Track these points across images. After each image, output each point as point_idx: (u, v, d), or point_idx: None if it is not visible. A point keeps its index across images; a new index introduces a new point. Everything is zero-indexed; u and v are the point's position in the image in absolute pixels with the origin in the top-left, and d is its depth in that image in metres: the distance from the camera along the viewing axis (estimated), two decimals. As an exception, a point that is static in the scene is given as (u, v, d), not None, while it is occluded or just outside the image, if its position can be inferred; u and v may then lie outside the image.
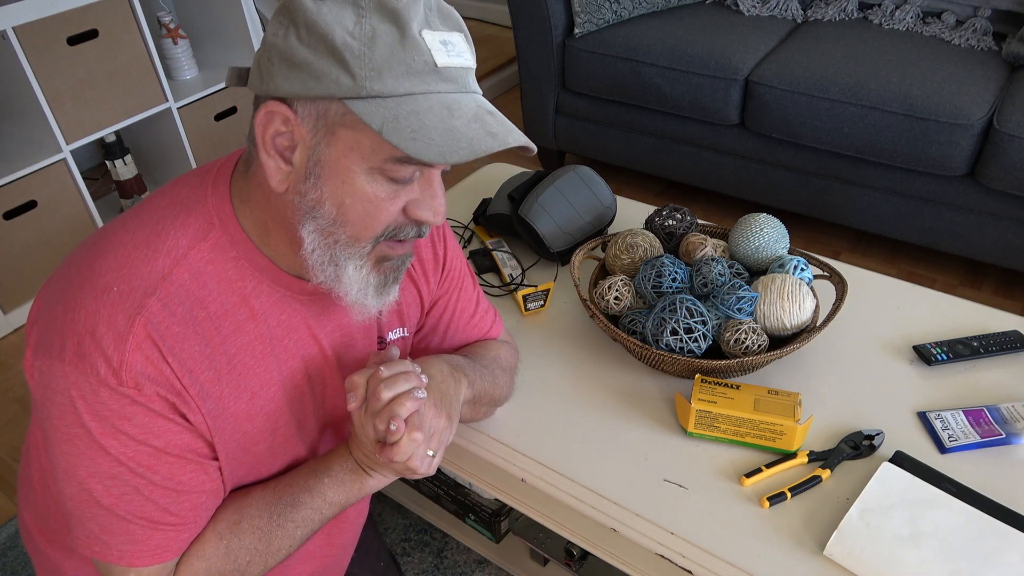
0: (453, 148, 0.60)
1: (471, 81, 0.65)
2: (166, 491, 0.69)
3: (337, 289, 0.70)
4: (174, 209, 0.70)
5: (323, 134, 0.63)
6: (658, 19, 2.32)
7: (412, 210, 0.67)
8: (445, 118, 0.61)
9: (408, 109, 0.60)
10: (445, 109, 0.61)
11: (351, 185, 0.64)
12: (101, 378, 0.63)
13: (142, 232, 0.68)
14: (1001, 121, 1.81)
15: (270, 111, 0.63)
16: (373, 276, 0.70)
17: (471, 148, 0.61)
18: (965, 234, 1.99)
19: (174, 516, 0.70)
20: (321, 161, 0.64)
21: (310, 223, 0.66)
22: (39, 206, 2.03)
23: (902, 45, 2.10)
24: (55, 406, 0.65)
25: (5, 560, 1.52)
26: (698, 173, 2.34)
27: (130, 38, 2.10)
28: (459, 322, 0.97)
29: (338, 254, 0.68)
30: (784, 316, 1.05)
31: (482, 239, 1.44)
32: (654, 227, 1.26)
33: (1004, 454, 0.97)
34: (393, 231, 0.68)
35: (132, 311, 0.64)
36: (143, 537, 0.69)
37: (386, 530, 1.53)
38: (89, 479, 0.66)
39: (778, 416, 0.96)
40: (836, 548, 0.85)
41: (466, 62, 0.64)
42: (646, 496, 0.94)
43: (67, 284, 0.67)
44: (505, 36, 3.57)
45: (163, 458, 0.68)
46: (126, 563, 0.69)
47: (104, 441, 0.65)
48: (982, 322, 1.17)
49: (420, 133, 0.60)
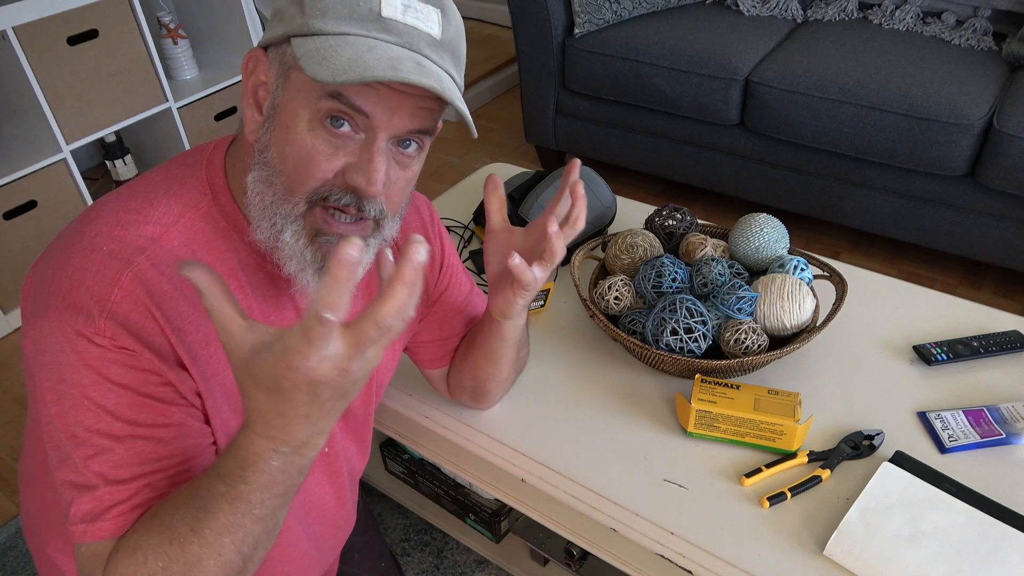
0: (345, 69, 0.59)
1: (424, 47, 0.64)
2: (145, 449, 0.64)
3: (278, 256, 0.68)
4: (168, 181, 0.71)
5: (281, 79, 0.65)
6: (658, 19, 2.32)
7: (348, 173, 0.65)
8: (361, 52, 0.60)
9: (332, 43, 0.61)
10: (367, 47, 0.61)
11: (293, 131, 0.64)
12: (79, 328, 0.62)
13: (134, 201, 0.69)
14: (1001, 121, 1.81)
15: (251, 55, 0.67)
16: (310, 252, 0.68)
17: (362, 73, 0.59)
18: (965, 234, 1.99)
19: (147, 479, 0.64)
20: (276, 106, 0.65)
21: (256, 171, 0.67)
22: (39, 206, 2.02)
23: (902, 45, 2.10)
24: (43, 366, 0.64)
25: (5, 560, 1.52)
26: (698, 173, 2.34)
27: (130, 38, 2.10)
28: (455, 308, 0.98)
29: (274, 208, 0.66)
30: (784, 316, 1.05)
31: (482, 239, 1.44)
32: (654, 227, 1.26)
33: (1004, 454, 0.97)
34: (326, 192, 0.66)
35: (120, 266, 0.64)
36: (109, 502, 0.63)
37: (386, 530, 1.53)
38: (69, 443, 0.63)
39: (778, 416, 0.96)
40: (836, 548, 0.85)
41: (425, 28, 0.64)
42: (646, 496, 0.94)
43: (56, 251, 0.67)
44: (505, 36, 3.57)
45: (145, 409, 0.64)
46: (89, 537, 0.63)
47: (85, 393, 0.62)
48: (982, 322, 1.17)
49: (327, 59, 0.60)
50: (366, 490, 1.56)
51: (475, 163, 2.79)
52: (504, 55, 3.34)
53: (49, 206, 2.05)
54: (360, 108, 0.62)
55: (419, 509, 1.45)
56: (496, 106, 3.20)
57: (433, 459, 1.19)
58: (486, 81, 3.21)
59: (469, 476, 1.14)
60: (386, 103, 0.63)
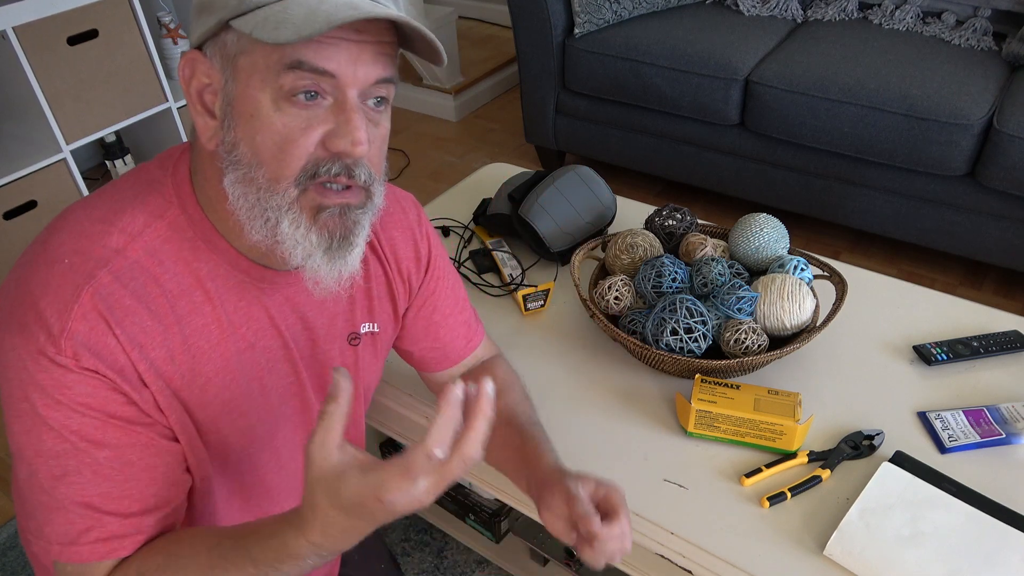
0: (307, 22, 0.57)
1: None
2: (112, 470, 0.64)
3: (280, 250, 0.66)
4: (135, 190, 0.69)
5: (229, 71, 0.62)
6: (658, 19, 2.32)
7: (329, 141, 0.63)
8: (313, 6, 0.58)
9: (279, 8, 0.59)
10: (318, 1, 0.59)
11: (259, 119, 0.61)
12: (41, 346, 0.61)
13: (99, 211, 0.67)
14: (1001, 121, 1.81)
15: (188, 58, 0.64)
16: (315, 235, 0.65)
17: (327, 19, 0.57)
18: (965, 234, 1.99)
19: (117, 502, 0.65)
20: (231, 100, 0.62)
21: (230, 173, 0.64)
22: (39, 206, 2.02)
23: (902, 45, 2.10)
24: (6, 381, 0.63)
25: (5, 560, 1.52)
26: (698, 173, 2.34)
27: (130, 38, 2.10)
28: (442, 318, 0.94)
29: (264, 203, 0.64)
30: (784, 316, 1.05)
31: (482, 239, 1.44)
32: (654, 227, 1.26)
33: (1004, 454, 0.97)
34: (313, 168, 0.63)
35: (80, 281, 0.63)
36: (82, 527, 0.64)
37: (386, 530, 1.53)
38: (35, 459, 0.63)
39: (778, 416, 0.96)
40: (836, 548, 0.85)
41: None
42: (646, 496, 0.94)
43: (21, 264, 0.66)
44: (505, 36, 3.57)
45: (109, 430, 0.64)
46: (65, 558, 0.64)
47: (46, 413, 0.62)
48: (982, 322, 1.17)
49: (283, 22, 0.58)
50: (366, 490, 1.56)
51: (475, 163, 2.79)
52: (504, 55, 3.34)
53: (49, 206, 2.05)
54: (323, 69, 0.60)
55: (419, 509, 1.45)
56: (496, 106, 3.20)
57: (433, 459, 1.19)
58: (486, 81, 3.21)
59: (469, 476, 1.14)
60: (347, 55, 0.61)
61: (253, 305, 0.73)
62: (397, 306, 0.89)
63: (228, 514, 0.81)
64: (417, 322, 0.93)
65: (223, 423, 0.74)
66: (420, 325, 0.94)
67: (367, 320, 0.86)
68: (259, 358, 0.75)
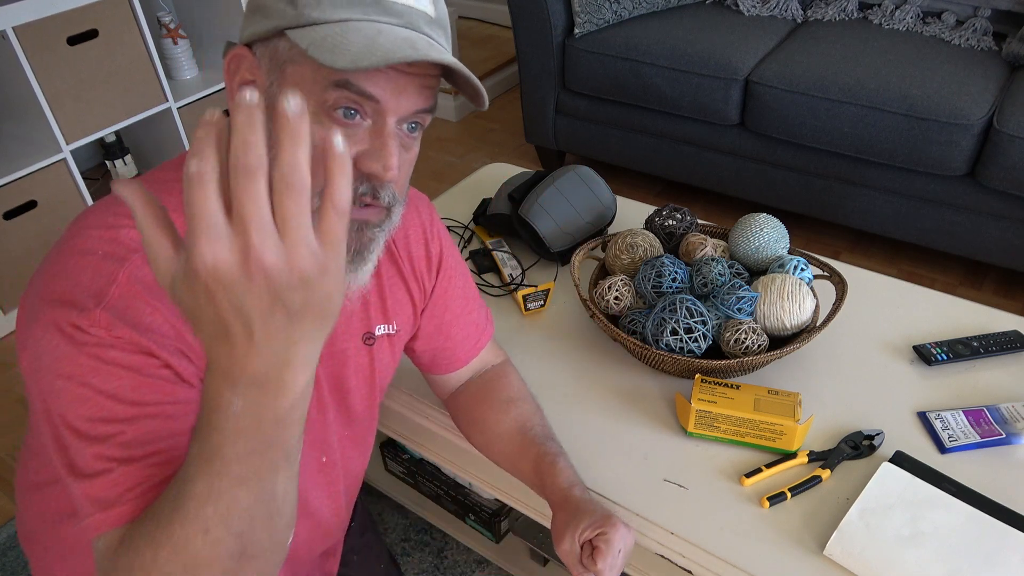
0: (365, 55, 0.58)
1: (424, 25, 0.64)
2: (154, 425, 0.62)
3: None
4: (157, 187, 0.69)
5: (276, 75, 0.63)
6: (658, 19, 2.32)
7: (361, 162, 0.64)
8: (372, 36, 0.60)
9: (338, 31, 0.60)
10: (375, 30, 0.60)
11: None
12: (75, 320, 0.61)
13: (122, 206, 0.67)
14: (1001, 121, 1.81)
15: (235, 54, 0.64)
16: None
17: (385, 56, 0.58)
18: (965, 234, 1.99)
19: (164, 444, 0.62)
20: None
21: None
22: (39, 206, 2.02)
23: (902, 45, 2.10)
24: (39, 369, 0.62)
25: (5, 560, 1.52)
26: (698, 173, 2.34)
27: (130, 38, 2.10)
28: (453, 317, 0.96)
29: None
30: (784, 316, 1.05)
31: (482, 239, 1.44)
32: (654, 227, 1.26)
33: (1004, 454, 0.97)
34: None
35: (116, 266, 0.63)
36: (124, 486, 0.60)
37: (386, 530, 1.53)
38: (68, 430, 0.61)
39: (778, 416, 0.96)
40: (836, 548, 0.85)
41: (419, 5, 0.63)
42: (646, 496, 0.94)
43: (50, 260, 0.66)
44: (505, 36, 3.57)
45: (146, 389, 0.62)
46: (106, 526, 0.60)
47: (84, 379, 0.60)
48: (982, 322, 1.17)
49: (340, 47, 0.58)
50: (366, 490, 1.56)
51: (475, 163, 2.79)
52: (504, 55, 3.34)
53: (49, 206, 2.05)
54: (369, 94, 0.61)
55: (419, 509, 1.45)
56: (496, 106, 3.20)
57: (433, 459, 1.19)
58: (486, 81, 3.21)
59: (469, 476, 1.14)
60: (394, 86, 0.62)
61: None
62: (416, 306, 0.91)
63: None
64: (430, 321, 0.94)
65: None
66: (433, 324, 0.95)
67: (383, 322, 0.87)
68: None
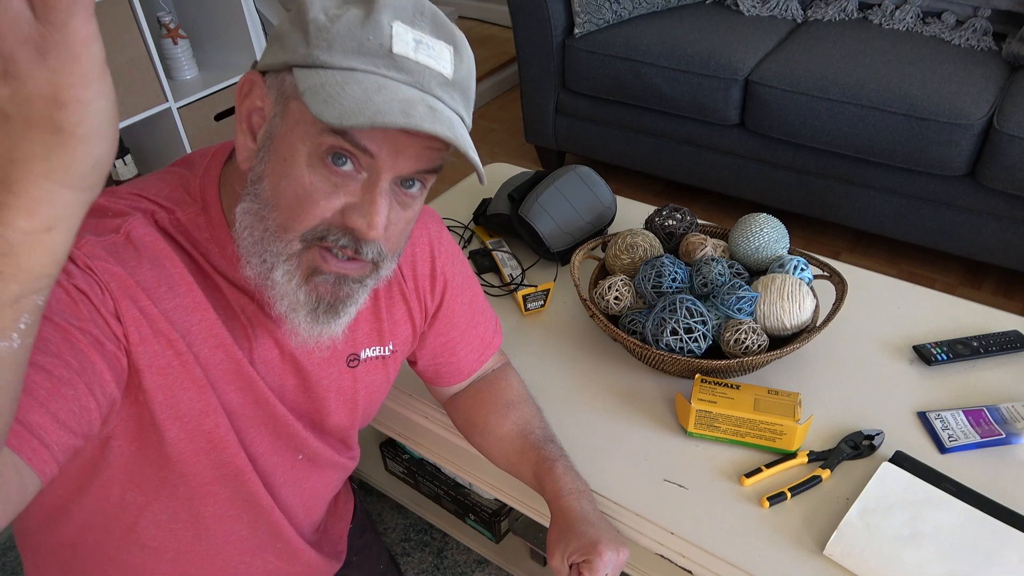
0: (354, 111, 0.56)
1: (436, 87, 0.61)
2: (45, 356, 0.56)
3: (268, 293, 0.66)
4: (160, 184, 0.71)
5: (280, 107, 0.62)
6: (658, 19, 2.32)
7: (347, 214, 0.63)
8: (370, 92, 0.57)
9: (340, 79, 0.58)
10: (376, 87, 0.58)
11: (291, 165, 0.61)
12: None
13: (127, 201, 0.69)
14: (1001, 121, 1.81)
15: (247, 79, 0.64)
16: (303, 293, 0.65)
17: (372, 118, 0.56)
18: (965, 234, 1.99)
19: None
20: (273, 135, 0.63)
21: (247, 200, 0.64)
22: (39, 206, 2.02)
23: (902, 45, 2.10)
24: None
25: (5, 560, 1.52)
26: (698, 173, 2.34)
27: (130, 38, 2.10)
28: (460, 334, 0.94)
29: (266, 245, 0.64)
30: (784, 316, 1.05)
31: (482, 239, 1.44)
32: (654, 227, 1.26)
33: (1004, 454, 0.97)
34: (323, 231, 0.63)
35: (120, 222, 0.65)
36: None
37: (386, 530, 1.53)
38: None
39: (778, 416, 0.96)
40: (836, 548, 0.85)
41: (437, 66, 0.61)
42: (646, 496, 0.94)
43: None
44: (505, 36, 3.57)
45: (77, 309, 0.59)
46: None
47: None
48: (982, 322, 1.17)
49: (334, 99, 0.57)
50: (366, 490, 1.56)
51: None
52: (504, 55, 3.34)
53: (49, 206, 2.05)
54: (365, 148, 0.60)
55: (419, 509, 1.45)
56: (496, 106, 3.20)
57: (433, 459, 1.19)
58: (486, 81, 3.21)
59: (469, 476, 1.14)
60: (393, 144, 0.60)
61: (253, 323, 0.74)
62: (415, 326, 0.89)
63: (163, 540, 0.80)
64: (436, 339, 0.93)
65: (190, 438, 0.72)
66: (439, 341, 0.93)
67: (376, 344, 0.85)
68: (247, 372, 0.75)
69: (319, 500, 0.95)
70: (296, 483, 0.87)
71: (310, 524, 0.95)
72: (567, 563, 0.80)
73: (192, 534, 0.80)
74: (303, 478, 0.88)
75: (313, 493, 0.92)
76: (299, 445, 0.84)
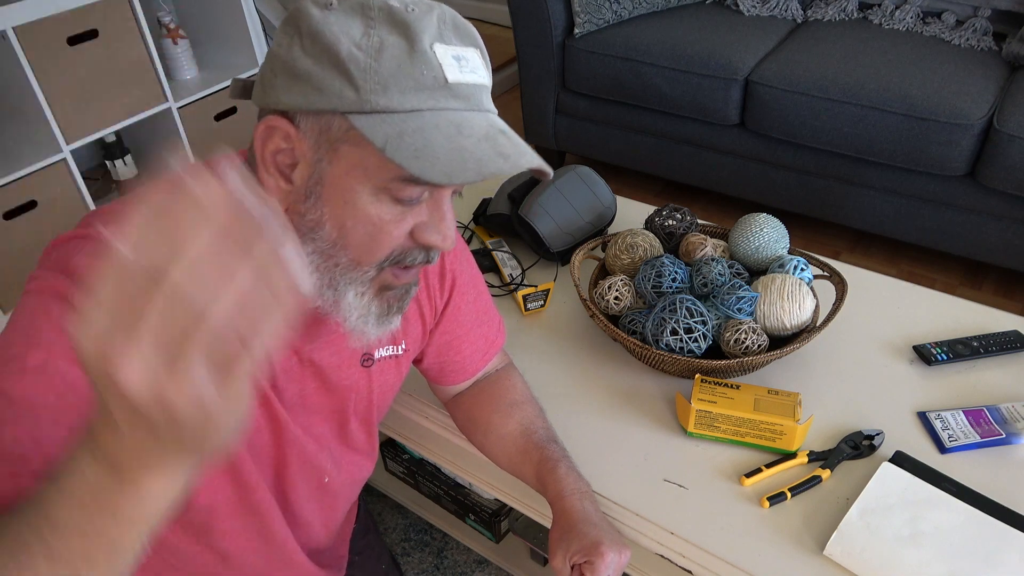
0: (460, 168, 0.56)
1: (485, 99, 0.62)
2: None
3: (335, 315, 0.66)
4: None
5: (325, 151, 0.60)
6: (658, 19, 2.32)
7: (419, 233, 0.63)
8: (453, 136, 0.57)
9: (414, 126, 0.57)
10: (453, 127, 0.58)
11: (353, 206, 0.60)
12: (63, 290, 0.59)
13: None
14: (1001, 121, 1.81)
15: (270, 126, 0.60)
16: (375, 305, 0.67)
17: (479, 169, 0.56)
18: (965, 234, 1.99)
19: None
20: (322, 180, 0.61)
21: (308, 244, 0.63)
22: (39, 206, 2.02)
23: (902, 45, 2.10)
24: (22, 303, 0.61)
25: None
26: (698, 173, 2.34)
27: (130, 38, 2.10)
28: (465, 332, 0.95)
29: (338, 278, 0.64)
30: (784, 316, 1.05)
31: (482, 239, 1.44)
32: (654, 227, 1.26)
33: (1004, 454, 0.97)
34: (399, 256, 0.64)
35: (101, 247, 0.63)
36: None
37: (386, 530, 1.53)
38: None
39: (778, 416, 0.96)
40: (836, 548, 0.85)
41: (480, 79, 0.61)
42: (646, 496, 0.94)
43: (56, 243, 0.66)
44: (505, 36, 3.57)
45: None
46: None
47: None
48: (982, 322, 1.17)
49: (425, 151, 0.56)
50: (366, 490, 1.56)
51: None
52: (504, 55, 3.34)
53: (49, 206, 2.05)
54: (438, 184, 0.59)
55: (419, 509, 1.45)
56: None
57: (433, 459, 1.19)
58: (486, 81, 3.21)
59: (469, 476, 1.14)
60: None
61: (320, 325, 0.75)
62: (426, 324, 0.90)
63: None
64: (442, 337, 0.93)
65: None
66: (444, 339, 0.94)
67: (390, 343, 0.86)
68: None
69: (336, 518, 0.95)
70: (318, 505, 0.88)
71: (326, 538, 0.96)
72: (569, 563, 0.80)
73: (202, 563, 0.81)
74: (327, 499, 0.89)
75: (332, 510, 0.92)
76: (327, 464, 0.85)
